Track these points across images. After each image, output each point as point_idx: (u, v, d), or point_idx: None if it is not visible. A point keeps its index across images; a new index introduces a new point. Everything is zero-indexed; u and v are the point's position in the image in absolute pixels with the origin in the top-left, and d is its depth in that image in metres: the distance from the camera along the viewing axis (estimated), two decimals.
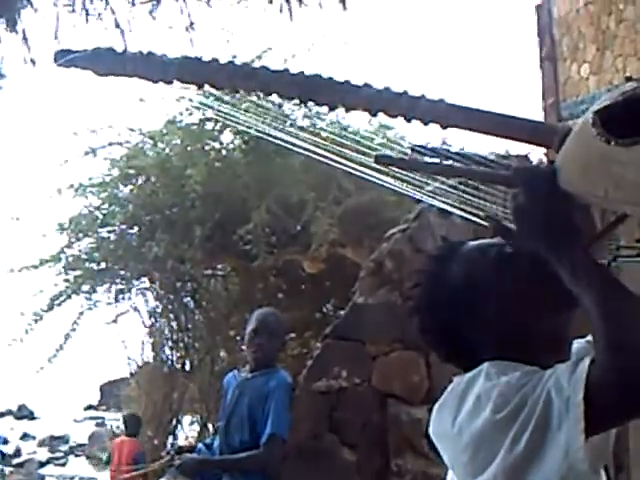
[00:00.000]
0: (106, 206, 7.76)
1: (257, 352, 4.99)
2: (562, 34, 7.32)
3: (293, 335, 8.05)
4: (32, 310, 7.76)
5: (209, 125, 7.56)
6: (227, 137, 7.68)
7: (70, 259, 7.76)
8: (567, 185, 1.57)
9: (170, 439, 8.35)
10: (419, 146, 1.83)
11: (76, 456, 14.00)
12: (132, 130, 7.66)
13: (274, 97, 1.95)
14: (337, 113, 7.34)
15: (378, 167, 1.91)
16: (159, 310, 8.32)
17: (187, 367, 8.29)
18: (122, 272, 7.82)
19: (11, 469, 11.72)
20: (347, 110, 1.90)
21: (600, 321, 1.50)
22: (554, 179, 1.59)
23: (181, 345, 8.29)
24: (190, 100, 5.69)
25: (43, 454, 14.33)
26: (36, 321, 7.78)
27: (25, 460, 13.70)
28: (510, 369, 1.69)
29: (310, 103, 1.92)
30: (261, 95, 2.06)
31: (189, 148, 7.46)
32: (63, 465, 13.31)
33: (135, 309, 8.27)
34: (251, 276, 7.79)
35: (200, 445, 5.22)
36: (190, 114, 7.65)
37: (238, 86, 1.93)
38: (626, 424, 1.59)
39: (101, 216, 7.75)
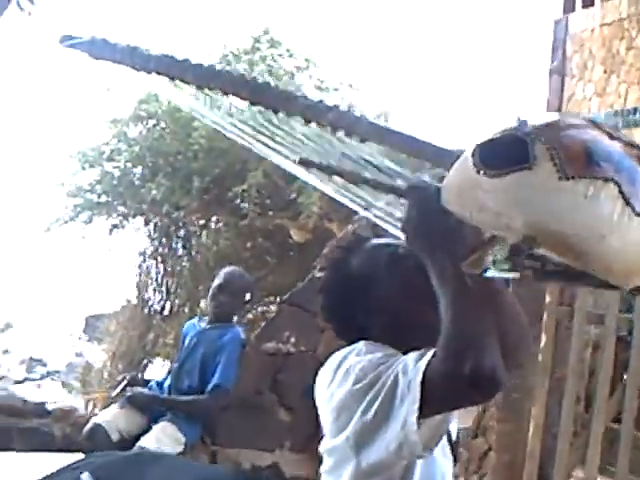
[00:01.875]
0: (114, 142, 8.04)
1: (217, 307, 5.37)
2: (574, 51, 7.50)
3: (272, 299, 8.33)
4: (29, 230, 8.06)
5: None
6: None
7: (73, 187, 8.06)
8: (446, 204, 1.79)
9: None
10: (306, 160, 2.07)
11: (52, 380, 14.20)
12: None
13: None
14: None
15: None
16: (149, 252, 8.54)
17: (166, 311, 8.52)
18: (120, 208, 8.09)
19: None
20: (287, 115, 2.17)
21: (445, 324, 1.77)
22: (438, 197, 1.81)
23: (164, 289, 8.52)
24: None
25: (21, 373, 14.54)
26: (34, 241, 8.09)
27: (2, 377, 13.90)
28: (379, 349, 1.99)
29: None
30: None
31: None
32: (38, 386, 13.52)
33: (126, 247, 8.51)
34: (241, 234, 8.02)
35: (152, 382, 5.54)
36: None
37: (201, 84, 2.22)
38: (451, 412, 1.83)
39: (108, 151, 8.02)
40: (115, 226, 8.20)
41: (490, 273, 2.00)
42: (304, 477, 5.46)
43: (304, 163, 2.09)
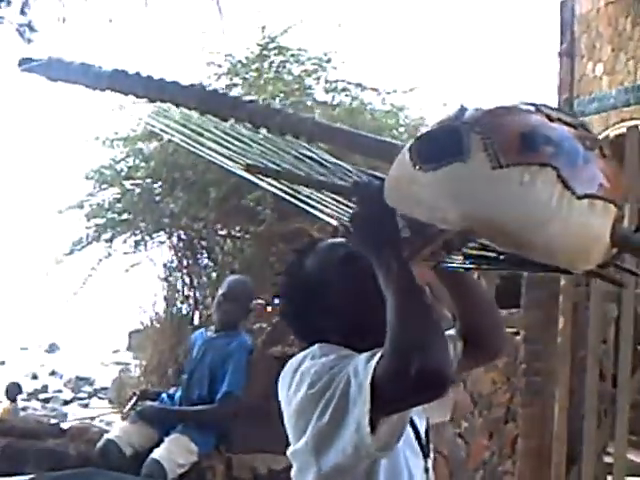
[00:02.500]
0: (131, 159, 8.10)
1: (223, 316, 5.42)
2: (582, 32, 7.42)
3: None
4: (54, 253, 8.14)
5: (233, 92, 7.82)
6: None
7: (93, 207, 8.11)
8: (388, 200, 1.78)
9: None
10: (253, 165, 2.07)
11: (99, 398, 14.35)
12: None
13: None
14: None
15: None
16: (174, 264, 8.60)
17: (196, 322, 8.56)
18: (142, 224, 8.14)
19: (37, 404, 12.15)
20: (236, 121, 2.17)
21: (390, 322, 1.76)
22: (381, 194, 1.80)
23: (191, 300, 8.57)
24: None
25: (68, 393, 14.69)
26: (57, 264, 8.16)
27: (51, 397, 14.06)
28: (333, 351, 1.99)
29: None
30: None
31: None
32: (86, 406, 13.69)
33: (151, 261, 8.57)
34: (262, 240, 8.04)
35: (163, 395, 5.58)
36: (217, 80, 7.98)
37: (152, 97, 2.23)
38: (405, 411, 1.81)
39: (125, 169, 8.08)
40: (138, 242, 8.23)
41: (445, 265, 2.00)
42: None
43: (251, 168, 2.09)
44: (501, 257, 1.82)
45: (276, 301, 7.81)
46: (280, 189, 2.06)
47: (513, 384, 5.28)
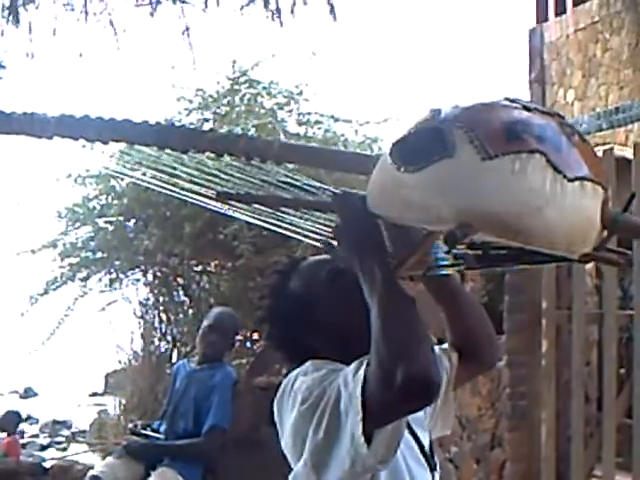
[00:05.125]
0: (103, 197, 8.04)
1: (207, 348, 5.37)
2: (552, 59, 7.50)
3: None
4: (28, 294, 8.04)
5: (205, 127, 7.81)
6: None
7: (67, 246, 8.03)
8: (373, 208, 1.77)
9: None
10: (224, 192, 2.04)
11: (77, 442, 14.19)
12: None
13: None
14: None
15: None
16: (150, 302, 8.53)
17: (174, 359, 8.49)
18: (116, 262, 8.07)
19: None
20: (197, 151, 2.14)
21: (374, 331, 1.73)
22: (364, 204, 1.79)
23: (169, 337, 8.51)
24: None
25: (45, 439, 14.52)
26: (32, 304, 8.06)
27: (27, 442, 13.89)
28: (324, 366, 1.95)
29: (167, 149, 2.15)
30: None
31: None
32: (64, 450, 13.54)
33: (127, 299, 8.50)
34: (240, 275, 7.99)
35: (148, 429, 5.51)
36: (187, 115, 7.96)
37: (105, 139, 2.19)
38: (399, 422, 1.76)
39: (98, 207, 8.02)
40: (113, 280, 8.16)
41: (433, 272, 1.97)
42: None
43: (222, 196, 2.05)
44: (495, 252, 1.80)
45: (255, 336, 7.77)
46: (253, 216, 2.03)
47: (498, 410, 5.25)
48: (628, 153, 4.43)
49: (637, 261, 4.19)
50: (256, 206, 2.04)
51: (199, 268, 8.45)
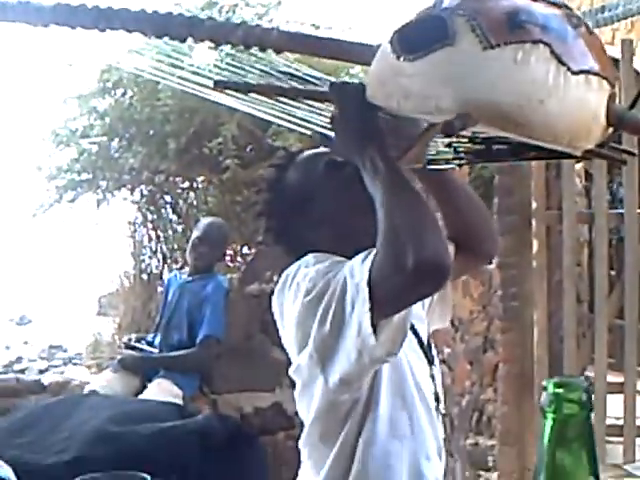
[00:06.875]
0: (85, 117, 7.94)
1: (197, 259, 5.38)
2: None
3: None
4: (16, 219, 8.01)
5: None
6: (199, 52, 7.80)
7: (52, 169, 7.98)
8: (372, 98, 1.73)
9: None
10: (220, 81, 2.00)
11: (74, 365, 14.25)
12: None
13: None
14: None
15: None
16: (138, 221, 8.50)
17: (165, 276, 8.48)
18: (102, 182, 8.01)
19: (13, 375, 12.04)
20: (195, 41, 2.09)
21: (380, 220, 1.71)
22: (362, 93, 1.75)
23: (159, 255, 8.49)
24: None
25: (42, 363, 14.60)
26: (21, 230, 8.03)
27: (26, 367, 13.95)
28: (327, 258, 1.93)
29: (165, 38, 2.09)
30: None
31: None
32: (62, 373, 13.58)
33: (115, 220, 8.46)
34: (226, 189, 7.95)
35: (142, 342, 5.54)
36: None
37: (102, 27, 2.12)
38: (406, 312, 1.77)
39: (81, 128, 7.93)
40: (100, 201, 8.11)
41: (434, 165, 1.95)
42: None
43: (219, 85, 2.02)
44: (497, 147, 1.78)
45: (245, 249, 7.75)
46: (252, 106, 1.99)
47: (489, 313, 5.28)
48: (616, 52, 4.36)
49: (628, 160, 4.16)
50: (254, 96, 2.00)
51: (186, 184, 8.38)
